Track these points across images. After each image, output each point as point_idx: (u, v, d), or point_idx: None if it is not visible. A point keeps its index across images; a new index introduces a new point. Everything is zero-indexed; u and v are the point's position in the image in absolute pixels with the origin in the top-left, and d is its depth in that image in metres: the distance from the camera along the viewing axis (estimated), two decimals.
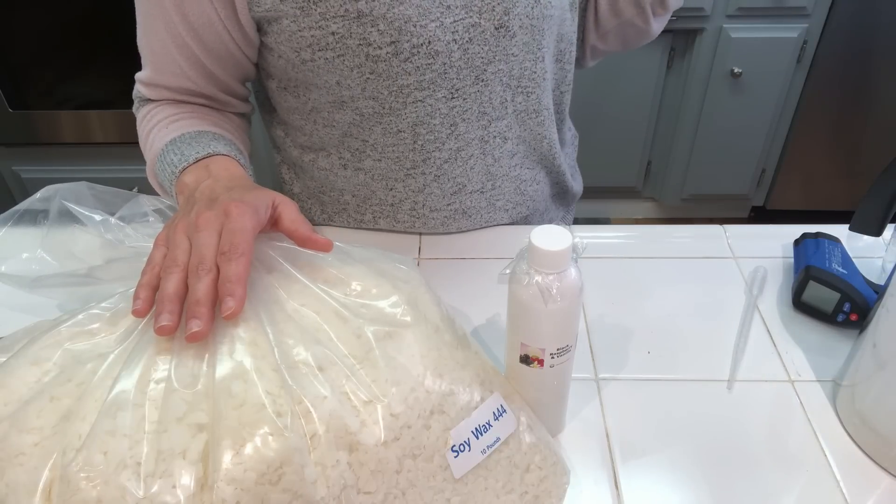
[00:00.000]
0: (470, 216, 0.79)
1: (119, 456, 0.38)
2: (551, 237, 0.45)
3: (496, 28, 0.66)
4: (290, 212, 0.51)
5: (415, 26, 0.63)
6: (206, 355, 0.42)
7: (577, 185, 0.91)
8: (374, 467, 0.41)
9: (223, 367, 0.41)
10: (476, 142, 0.74)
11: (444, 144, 0.72)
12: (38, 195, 0.57)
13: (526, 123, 0.75)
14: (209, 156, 0.62)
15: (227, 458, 0.38)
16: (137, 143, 0.72)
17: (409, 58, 0.65)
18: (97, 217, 0.55)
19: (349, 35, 0.63)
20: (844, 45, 1.76)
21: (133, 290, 0.46)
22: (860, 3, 1.70)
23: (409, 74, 0.66)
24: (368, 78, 0.66)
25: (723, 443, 0.56)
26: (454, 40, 0.65)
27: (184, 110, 0.70)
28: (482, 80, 0.69)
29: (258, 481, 0.38)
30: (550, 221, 0.87)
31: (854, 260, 0.68)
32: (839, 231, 0.71)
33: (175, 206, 0.60)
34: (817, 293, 0.65)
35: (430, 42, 0.64)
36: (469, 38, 0.66)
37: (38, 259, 0.58)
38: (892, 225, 0.70)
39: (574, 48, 0.77)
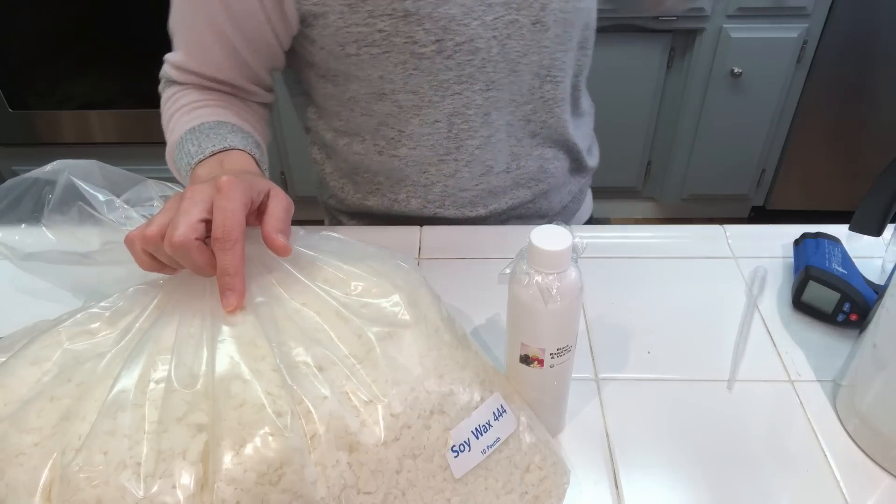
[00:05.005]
0: (496, 195, 0.82)
1: (119, 456, 0.38)
2: (551, 237, 0.45)
3: (532, 23, 0.68)
4: (275, 207, 0.48)
5: (458, 25, 0.65)
6: (206, 355, 0.42)
7: (592, 160, 0.93)
8: (374, 467, 0.41)
9: (223, 367, 0.41)
10: (503, 126, 0.76)
11: (477, 132, 0.74)
12: (48, 167, 0.55)
13: (551, 109, 0.78)
14: (225, 150, 0.62)
15: (227, 459, 0.38)
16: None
17: (451, 55, 0.67)
18: (102, 197, 0.54)
19: (396, 33, 0.64)
20: (844, 45, 1.76)
21: (131, 288, 0.46)
22: (860, 3, 1.70)
23: (451, 70, 0.68)
24: (412, 73, 0.68)
25: (723, 443, 0.56)
26: (494, 37, 0.67)
27: (208, 97, 0.70)
28: (515, 72, 0.71)
29: (258, 481, 0.38)
30: (569, 193, 0.89)
31: (854, 260, 0.68)
32: (839, 231, 0.71)
33: None
34: (817, 293, 0.65)
35: (472, 39, 0.66)
36: (508, 34, 0.68)
37: (36, 232, 0.55)
38: (892, 225, 0.70)
39: (594, 34, 0.79)
